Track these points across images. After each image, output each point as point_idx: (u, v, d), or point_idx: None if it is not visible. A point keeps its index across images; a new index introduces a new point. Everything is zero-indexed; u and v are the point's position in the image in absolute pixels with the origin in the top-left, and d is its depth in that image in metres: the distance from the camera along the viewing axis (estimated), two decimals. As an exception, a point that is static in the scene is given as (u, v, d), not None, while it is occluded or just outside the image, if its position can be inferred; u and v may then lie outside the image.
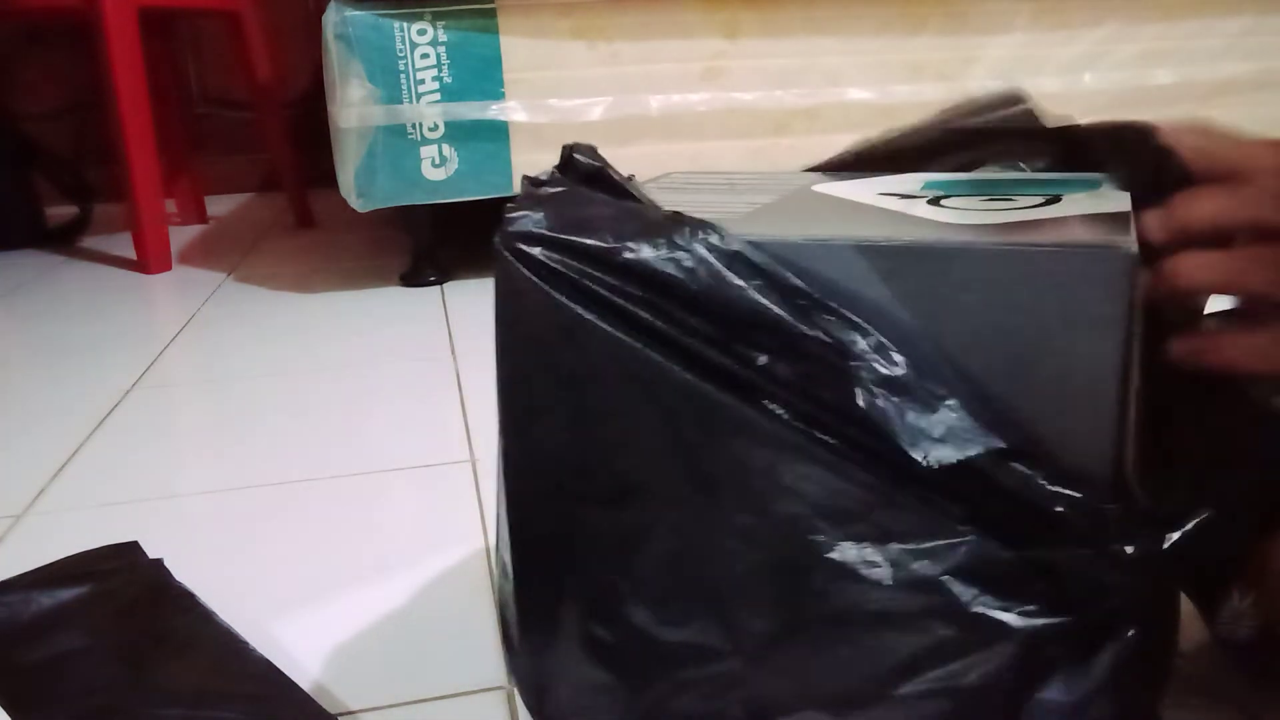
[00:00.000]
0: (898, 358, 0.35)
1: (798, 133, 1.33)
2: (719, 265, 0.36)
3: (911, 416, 0.35)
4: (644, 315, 0.37)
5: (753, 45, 1.30)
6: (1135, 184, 0.42)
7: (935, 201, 0.42)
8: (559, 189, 0.40)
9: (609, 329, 0.37)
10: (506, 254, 0.39)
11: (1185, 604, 0.42)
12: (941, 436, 0.34)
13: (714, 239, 0.37)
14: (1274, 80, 1.43)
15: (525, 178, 0.41)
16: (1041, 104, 0.50)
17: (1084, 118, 0.48)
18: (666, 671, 0.39)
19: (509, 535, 0.42)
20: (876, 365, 0.35)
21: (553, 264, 0.38)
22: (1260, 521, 0.38)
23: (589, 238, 0.38)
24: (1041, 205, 0.40)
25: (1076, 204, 0.40)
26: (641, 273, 0.37)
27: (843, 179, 0.50)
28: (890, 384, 0.35)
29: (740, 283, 0.36)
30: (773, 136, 1.33)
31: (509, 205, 0.39)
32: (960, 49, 1.35)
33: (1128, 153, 0.43)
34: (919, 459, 0.34)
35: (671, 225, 0.37)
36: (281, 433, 0.86)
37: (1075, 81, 1.37)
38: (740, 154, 1.32)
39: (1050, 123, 0.49)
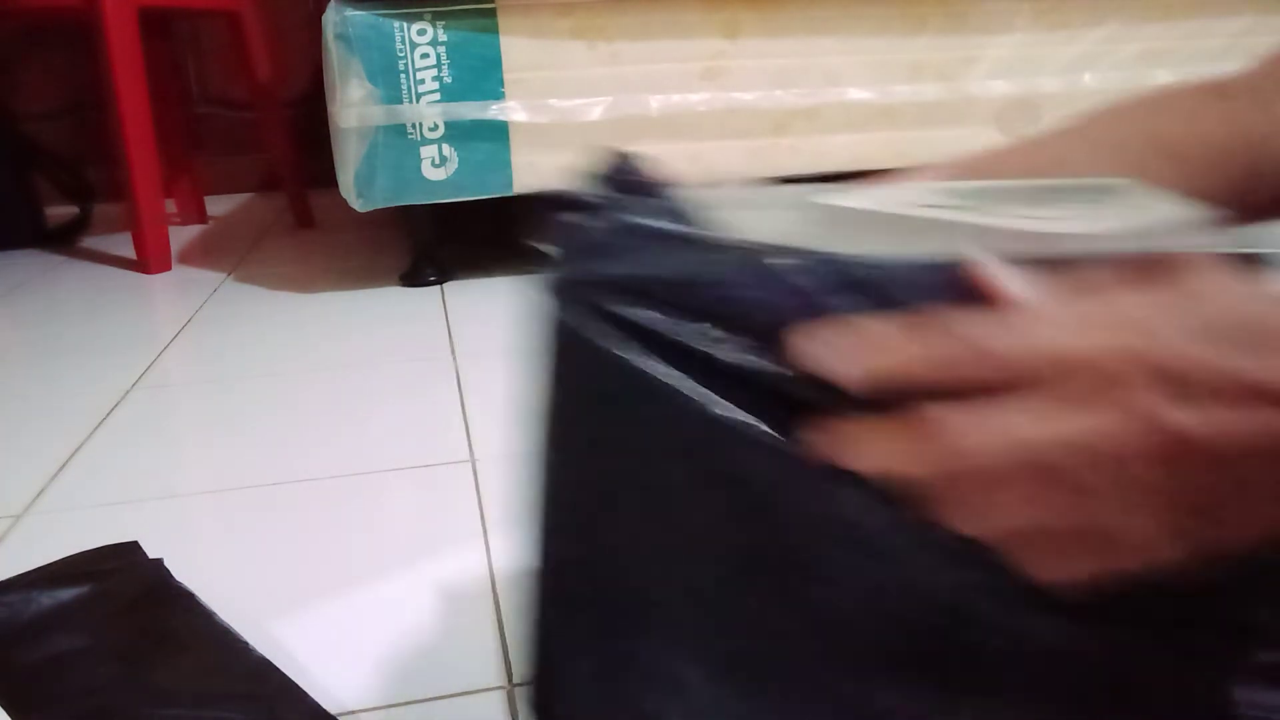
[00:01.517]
0: None
1: (798, 133, 1.33)
2: (822, 298, 0.30)
3: None
4: (730, 364, 0.31)
5: (753, 45, 1.30)
6: None
7: (994, 213, 0.36)
8: (608, 219, 0.34)
9: (681, 387, 0.32)
10: (565, 304, 0.33)
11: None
12: None
13: (816, 268, 0.31)
14: (1274, 80, 1.43)
15: (560, 195, 0.34)
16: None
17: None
18: None
19: (548, 581, 0.37)
20: None
21: (622, 314, 0.32)
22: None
23: (666, 279, 0.31)
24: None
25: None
26: (732, 315, 0.31)
27: (865, 191, 0.45)
28: None
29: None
30: (773, 136, 1.33)
31: (549, 243, 0.33)
32: (960, 49, 1.35)
33: None
34: None
35: (764, 255, 0.31)
36: (281, 432, 0.86)
37: (1075, 81, 1.37)
38: (740, 154, 1.32)
39: None
